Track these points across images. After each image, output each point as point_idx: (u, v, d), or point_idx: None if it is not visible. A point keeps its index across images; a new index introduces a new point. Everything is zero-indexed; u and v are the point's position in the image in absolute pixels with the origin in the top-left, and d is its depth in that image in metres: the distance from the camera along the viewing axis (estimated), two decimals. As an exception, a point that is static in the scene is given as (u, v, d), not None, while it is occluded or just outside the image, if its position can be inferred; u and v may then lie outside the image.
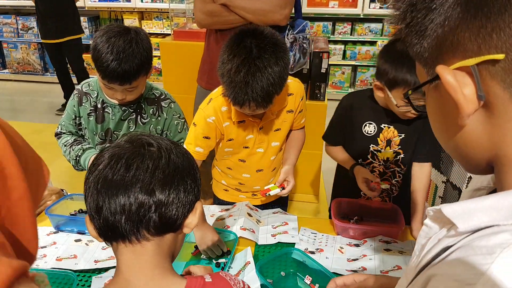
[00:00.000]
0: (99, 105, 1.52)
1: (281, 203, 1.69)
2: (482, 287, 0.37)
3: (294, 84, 1.44)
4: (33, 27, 5.38)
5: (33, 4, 5.15)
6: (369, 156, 1.55)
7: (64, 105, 4.35)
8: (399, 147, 1.51)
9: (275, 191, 1.39)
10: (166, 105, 1.58)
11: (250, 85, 1.15)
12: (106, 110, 1.53)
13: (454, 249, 0.44)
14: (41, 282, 0.56)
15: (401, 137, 1.50)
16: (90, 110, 1.53)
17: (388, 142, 1.51)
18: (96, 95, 1.51)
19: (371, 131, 1.51)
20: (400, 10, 0.47)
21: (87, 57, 4.82)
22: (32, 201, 0.57)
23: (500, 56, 0.39)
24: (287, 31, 1.95)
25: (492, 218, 0.41)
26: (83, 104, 1.52)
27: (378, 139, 1.51)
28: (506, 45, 0.39)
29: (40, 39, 5.33)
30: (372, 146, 1.53)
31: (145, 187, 0.65)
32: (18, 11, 5.52)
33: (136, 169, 0.66)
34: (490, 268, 0.37)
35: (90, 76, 4.13)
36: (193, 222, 0.72)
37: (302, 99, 1.46)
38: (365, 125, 1.51)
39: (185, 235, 0.77)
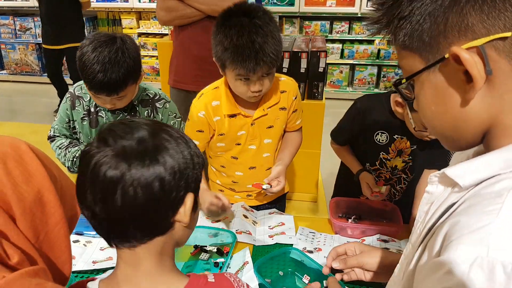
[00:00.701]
0: (92, 109, 1.50)
1: (280, 203, 1.70)
2: (498, 225, 0.41)
3: (287, 82, 1.44)
4: (31, 28, 5.37)
5: (30, 5, 5.18)
6: (377, 163, 1.54)
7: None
8: (410, 157, 1.50)
9: (266, 186, 1.39)
10: (161, 106, 1.56)
11: (258, 43, 1.17)
12: (99, 114, 1.51)
13: (462, 202, 0.49)
14: None
15: (412, 148, 1.48)
16: (84, 114, 1.51)
17: (399, 152, 1.49)
18: (89, 98, 1.49)
19: (383, 140, 1.48)
20: (395, 5, 0.51)
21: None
22: (68, 226, 0.62)
23: (508, 34, 0.44)
24: None
25: (491, 171, 0.48)
26: (76, 108, 1.50)
27: (390, 148, 1.49)
28: None
29: (38, 40, 5.37)
30: (383, 154, 1.52)
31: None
32: (15, 12, 5.51)
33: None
34: (503, 207, 0.42)
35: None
36: (184, 219, 0.65)
37: (296, 98, 1.45)
38: (377, 133, 1.49)
39: (184, 226, 0.68)
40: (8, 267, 0.49)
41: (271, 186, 1.39)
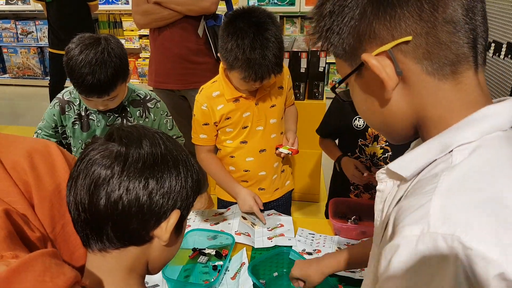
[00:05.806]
0: (83, 113, 1.50)
1: (284, 206, 1.68)
2: (435, 201, 0.46)
3: None
4: (33, 32, 5.39)
5: (32, 8, 5.19)
6: (356, 150, 1.58)
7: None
8: (386, 143, 1.53)
9: (286, 151, 1.49)
10: (153, 106, 1.57)
11: (267, 57, 1.25)
12: (90, 117, 1.50)
13: (407, 192, 0.54)
14: None
15: None
16: (75, 118, 1.50)
17: (376, 138, 1.53)
18: (78, 102, 1.49)
19: (360, 125, 1.54)
20: (320, 19, 0.56)
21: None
22: None
23: (409, 38, 0.50)
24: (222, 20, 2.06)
25: (427, 159, 0.53)
26: (66, 113, 1.50)
27: (366, 133, 1.54)
28: (412, 29, 0.50)
29: (39, 43, 5.39)
30: (360, 141, 1.56)
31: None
32: (17, 16, 5.53)
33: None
34: (437, 185, 0.47)
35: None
36: (163, 236, 0.60)
37: (289, 77, 1.56)
38: (356, 119, 1.55)
39: (164, 247, 0.63)
40: (28, 242, 0.52)
41: (291, 153, 1.50)
